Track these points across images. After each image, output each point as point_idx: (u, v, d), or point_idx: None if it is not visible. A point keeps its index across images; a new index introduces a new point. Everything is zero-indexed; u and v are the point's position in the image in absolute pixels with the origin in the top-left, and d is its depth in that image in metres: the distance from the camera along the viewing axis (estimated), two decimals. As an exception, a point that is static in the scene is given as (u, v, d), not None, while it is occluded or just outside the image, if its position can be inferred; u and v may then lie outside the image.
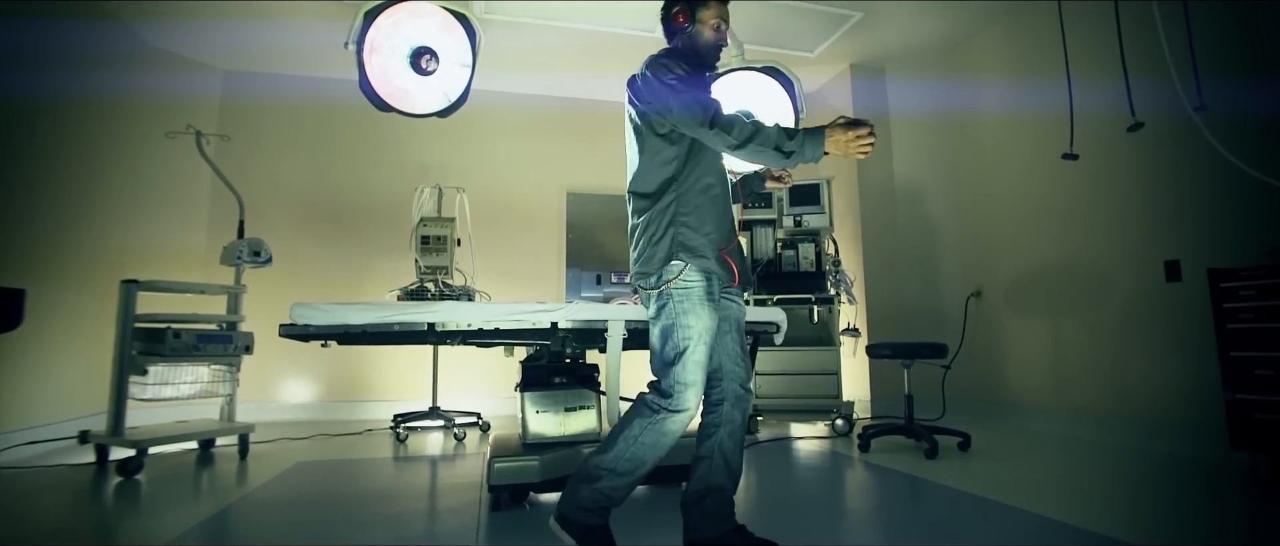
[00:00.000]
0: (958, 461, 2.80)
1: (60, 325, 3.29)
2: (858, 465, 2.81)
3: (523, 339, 2.33)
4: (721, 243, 1.61)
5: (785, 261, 3.92)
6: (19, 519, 2.09)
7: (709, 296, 1.57)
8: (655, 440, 1.54)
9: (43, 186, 3.22)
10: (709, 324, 1.56)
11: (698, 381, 1.54)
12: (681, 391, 1.53)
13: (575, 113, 5.08)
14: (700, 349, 1.54)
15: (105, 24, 3.69)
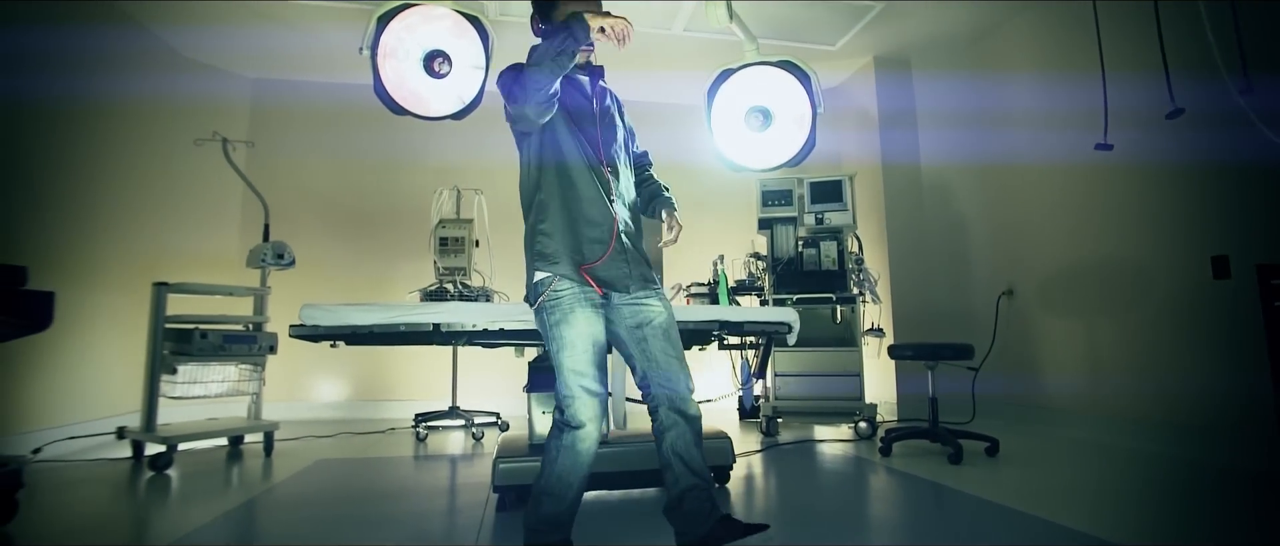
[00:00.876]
0: (983, 467, 2.69)
1: (102, 325, 3.44)
2: (876, 470, 2.72)
3: (529, 340, 2.33)
4: (580, 253, 1.55)
5: (806, 260, 3.83)
6: (59, 510, 2.20)
7: (583, 302, 1.51)
8: (570, 460, 1.49)
9: (81, 192, 3.37)
10: (585, 330, 1.50)
11: (580, 392, 1.47)
12: (569, 404, 1.48)
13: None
14: (577, 357, 1.48)
15: (137, 33, 3.85)
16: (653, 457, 2.25)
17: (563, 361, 1.49)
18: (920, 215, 4.33)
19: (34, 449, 2.88)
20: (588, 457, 1.50)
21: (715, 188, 4.91)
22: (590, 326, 1.51)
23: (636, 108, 5.26)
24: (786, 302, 3.62)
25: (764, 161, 3.28)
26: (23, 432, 2.91)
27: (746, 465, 2.82)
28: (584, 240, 1.56)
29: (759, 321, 2.38)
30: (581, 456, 1.49)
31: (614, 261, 1.57)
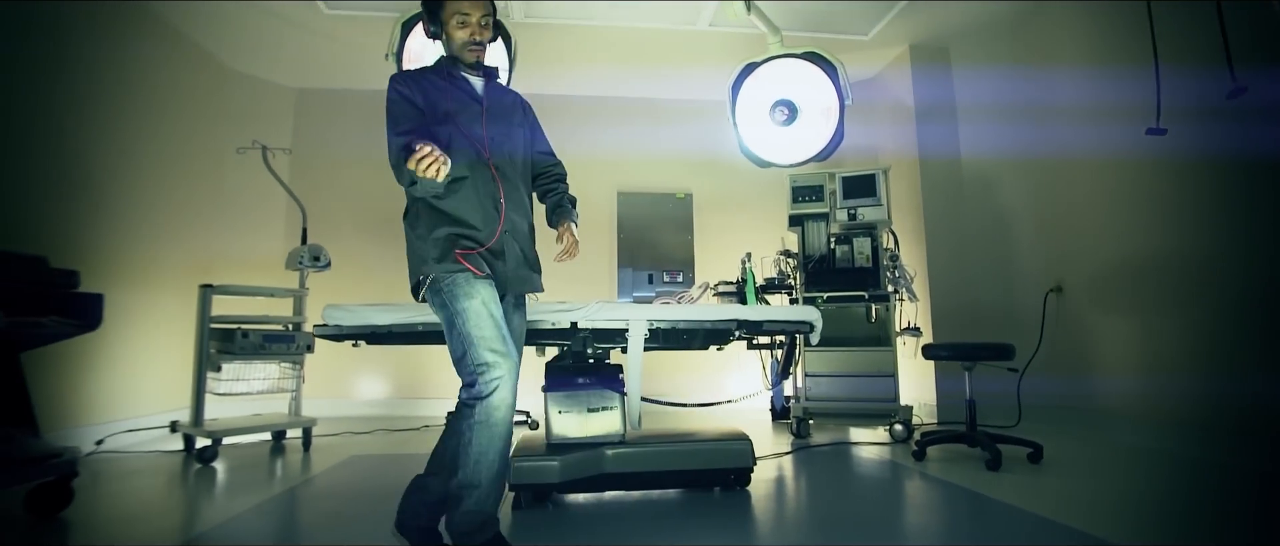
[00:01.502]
0: (1024, 474, 2.54)
1: (156, 325, 3.64)
2: (908, 474, 2.61)
3: (544, 339, 2.33)
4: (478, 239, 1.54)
5: (838, 257, 3.72)
6: (113, 498, 2.35)
7: (476, 279, 1.49)
8: (487, 436, 1.41)
9: (133, 196, 3.58)
10: (485, 295, 1.48)
11: (490, 354, 1.41)
12: (484, 372, 1.41)
13: (624, 111, 5.08)
14: (481, 323, 1.44)
15: (189, 46, 4.07)
16: (671, 458, 2.25)
17: (467, 330, 1.44)
18: (960, 209, 4.15)
19: (97, 440, 3.08)
20: (505, 429, 1.43)
21: (745, 184, 4.83)
22: (487, 292, 1.49)
23: (664, 106, 5.26)
24: (816, 301, 3.52)
25: (791, 156, 3.20)
26: (87, 425, 3.11)
27: (775, 466, 2.76)
28: (476, 232, 1.55)
29: (779, 321, 2.32)
30: (497, 428, 1.41)
31: (499, 255, 1.57)
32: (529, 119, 1.84)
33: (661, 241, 4.97)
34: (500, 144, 1.65)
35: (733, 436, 2.36)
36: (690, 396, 4.61)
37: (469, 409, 1.44)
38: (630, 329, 2.22)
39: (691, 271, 4.91)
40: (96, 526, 2.02)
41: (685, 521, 1.99)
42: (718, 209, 5.04)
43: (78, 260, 2.62)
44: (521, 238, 1.66)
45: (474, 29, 1.62)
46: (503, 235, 1.58)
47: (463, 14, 1.60)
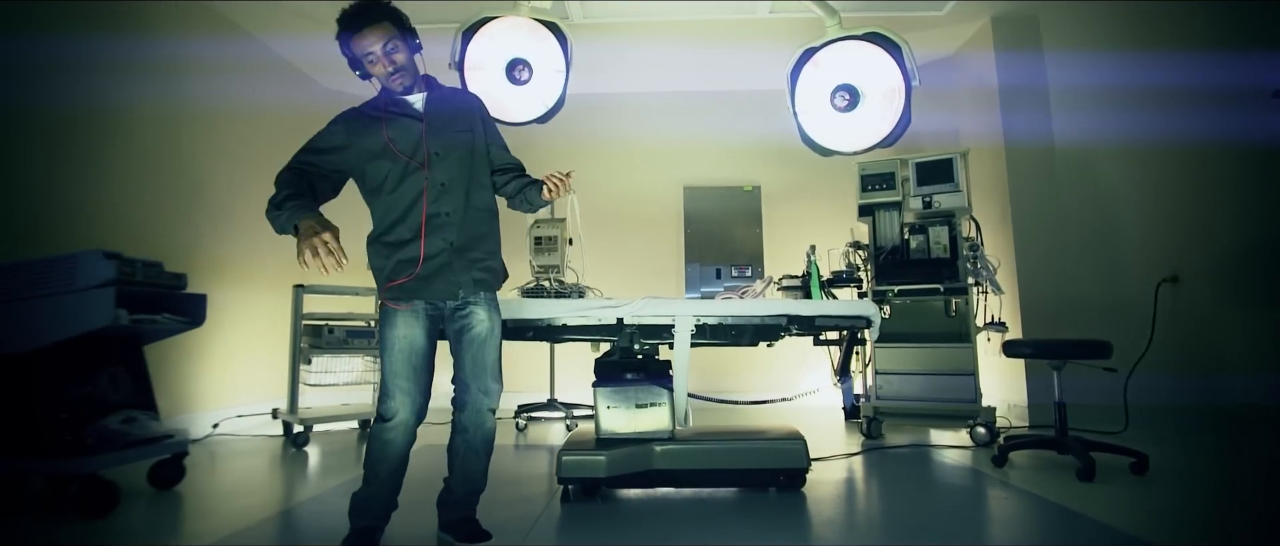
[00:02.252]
0: (1124, 487, 2.29)
1: (260, 321, 4.03)
2: (984, 482, 2.42)
3: (591, 335, 2.37)
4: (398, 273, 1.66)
5: (913, 248, 3.50)
6: (219, 475, 2.65)
7: (407, 313, 1.66)
8: (378, 449, 1.65)
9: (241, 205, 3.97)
10: (403, 334, 1.65)
11: (394, 390, 1.63)
12: (384, 400, 1.65)
13: (687, 104, 5.04)
14: (393, 359, 1.64)
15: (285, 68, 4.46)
16: (719, 457, 2.22)
17: (384, 360, 1.66)
18: (1053, 195, 3.77)
19: (213, 424, 3.47)
20: (396, 449, 1.66)
21: (815, 174, 4.65)
22: (408, 331, 1.66)
23: (728, 97, 5.15)
24: (887, 295, 3.34)
25: (855, 143, 3.05)
26: (204, 411, 3.51)
27: (838, 468, 2.65)
28: (395, 261, 1.67)
29: (834, 316, 2.22)
30: (389, 446, 1.65)
31: (427, 279, 1.66)
32: (483, 120, 1.86)
33: (729, 235, 4.89)
34: (443, 159, 1.70)
35: (786, 436, 2.29)
36: (760, 393, 4.52)
37: (377, 422, 1.67)
38: (677, 325, 2.21)
39: (760, 265, 4.80)
40: (205, 499, 2.28)
41: (734, 522, 1.95)
42: (787, 200, 4.89)
43: (188, 262, 2.95)
44: (462, 244, 1.71)
45: (381, 61, 1.66)
46: (430, 257, 1.67)
47: (367, 52, 1.65)
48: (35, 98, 2.78)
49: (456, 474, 1.74)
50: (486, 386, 1.72)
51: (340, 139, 1.71)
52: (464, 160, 1.74)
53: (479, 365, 1.71)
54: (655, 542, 1.78)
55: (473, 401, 1.71)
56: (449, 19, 3.96)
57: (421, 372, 1.68)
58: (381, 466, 1.66)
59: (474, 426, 1.72)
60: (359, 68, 1.69)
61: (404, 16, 1.71)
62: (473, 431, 1.73)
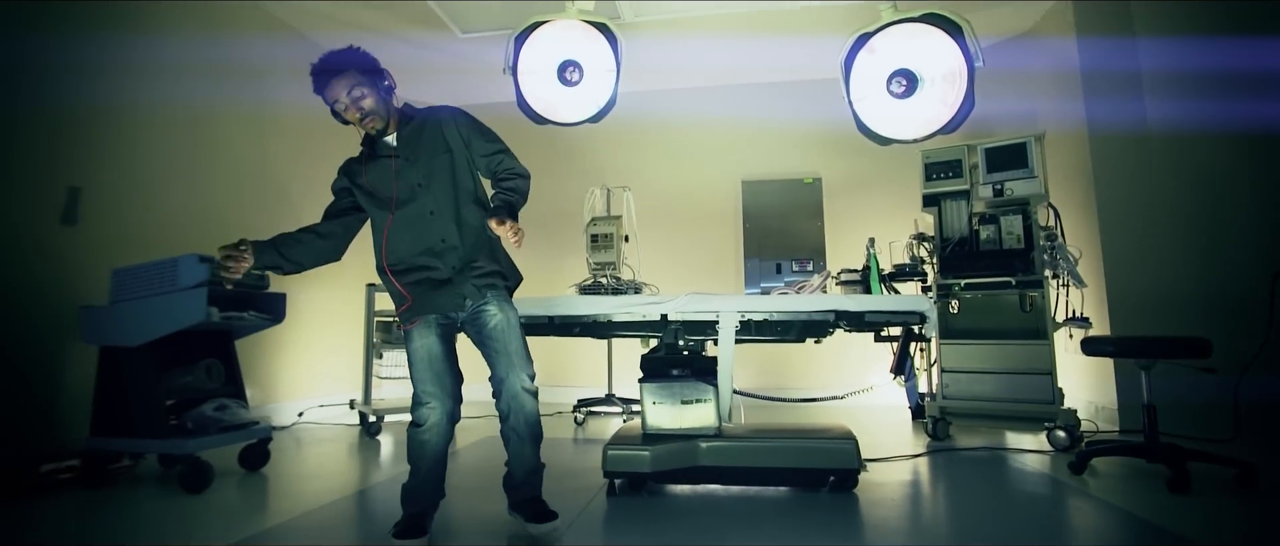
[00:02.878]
0: (1222, 501, 2.07)
1: (338, 318, 4.33)
2: (1057, 490, 2.26)
3: (636, 331, 2.39)
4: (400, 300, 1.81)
5: (982, 238, 3.30)
6: (300, 460, 2.87)
7: (420, 326, 1.77)
8: (416, 449, 1.77)
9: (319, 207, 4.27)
10: (420, 346, 1.77)
11: (422, 397, 1.76)
12: (416, 408, 1.78)
13: (746, 97, 4.96)
14: (416, 370, 1.77)
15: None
16: (766, 455, 2.19)
17: (411, 371, 1.79)
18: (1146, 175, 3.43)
19: (298, 413, 3.76)
20: (432, 449, 1.78)
21: (878, 165, 4.47)
22: (424, 340, 1.77)
23: (785, 88, 5.01)
24: (953, 289, 3.17)
25: (914, 130, 2.90)
26: (290, 401, 3.82)
27: (896, 470, 2.55)
28: (401, 287, 1.79)
29: (884, 311, 2.14)
30: (425, 446, 1.77)
31: (429, 295, 1.77)
32: (461, 134, 1.88)
33: (789, 229, 4.79)
34: (424, 188, 1.80)
35: (837, 435, 2.23)
36: (826, 391, 4.41)
37: (411, 428, 1.79)
38: (720, 320, 2.20)
39: (822, 259, 4.67)
40: (286, 481, 2.49)
41: (780, 521, 1.91)
42: (849, 192, 4.73)
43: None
44: (458, 257, 1.79)
45: (350, 108, 1.76)
46: (422, 280, 1.77)
47: (335, 102, 1.76)
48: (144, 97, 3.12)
49: (512, 459, 1.83)
50: (515, 371, 1.78)
51: (344, 182, 1.90)
52: (447, 184, 1.82)
53: (504, 354, 1.77)
54: (691, 539, 1.78)
55: (506, 388, 1.78)
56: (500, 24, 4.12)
57: (444, 376, 1.79)
58: (422, 463, 1.79)
59: (513, 411, 1.79)
60: (336, 116, 1.81)
61: (369, 60, 1.79)
62: (514, 416, 1.80)
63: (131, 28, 3.09)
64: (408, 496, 1.80)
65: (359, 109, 1.76)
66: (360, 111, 1.76)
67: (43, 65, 2.68)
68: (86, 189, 2.82)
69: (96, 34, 2.91)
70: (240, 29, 3.73)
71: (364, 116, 1.77)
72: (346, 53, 1.77)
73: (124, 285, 2.49)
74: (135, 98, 3.09)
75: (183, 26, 3.37)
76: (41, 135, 2.68)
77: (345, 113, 1.77)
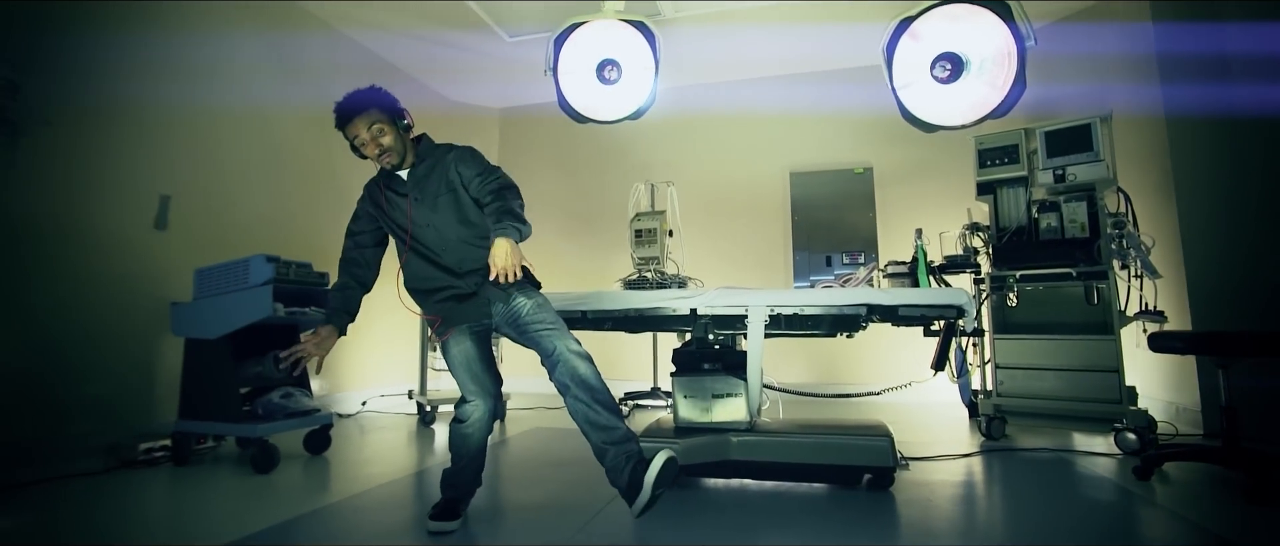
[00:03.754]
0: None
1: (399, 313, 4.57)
2: (1117, 496, 2.13)
3: (667, 326, 2.41)
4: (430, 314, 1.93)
5: (1042, 228, 3.12)
6: (359, 446, 3.06)
7: (455, 333, 1.88)
8: (459, 442, 1.90)
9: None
10: (458, 351, 1.88)
11: (465, 396, 1.90)
12: (459, 405, 1.91)
13: (792, 87, 4.87)
14: (456, 372, 1.90)
15: (418, 86, 4.99)
16: (797, 451, 2.18)
17: (453, 374, 1.91)
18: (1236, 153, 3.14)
19: (362, 401, 4.02)
20: (474, 442, 1.90)
21: (932, 152, 4.29)
22: (460, 346, 1.88)
23: (832, 77, 4.88)
24: (1007, 281, 3.01)
25: (962, 115, 2.78)
26: (354, 390, 4.08)
27: (947, 469, 2.45)
28: (431, 303, 1.92)
29: (919, 305, 2.07)
30: (468, 440, 1.90)
31: (456, 308, 1.86)
32: (460, 172, 1.91)
33: (840, 221, 4.67)
34: (431, 219, 1.89)
35: (871, 432, 2.19)
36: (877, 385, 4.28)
37: (454, 423, 1.92)
38: (750, 315, 2.19)
39: (874, 251, 4.53)
40: (344, 464, 2.67)
41: (805, 519, 1.89)
42: (902, 181, 4.56)
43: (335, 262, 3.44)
44: (468, 278, 1.87)
45: (369, 145, 1.83)
46: (445, 299, 1.88)
47: (355, 137, 1.84)
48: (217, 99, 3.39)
49: (589, 431, 1.80)
50: (561, 338, 1.80)
51: (368, 206, 1.99)
52: (454, 215, 1.88)
53: (543, 327, 1.82)
54: (714, 534, 1.80)
55: (559, 360, 1.77)
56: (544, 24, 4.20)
57: (483, 376, 1.90)
58: (462, 454, 1.91)
59: (570, 378, 1.76)
60: (355, 151, 1.90)
61: (390, 100, 1.88)
62: (573, 383, 1.77)
63: (195, 27, 3.31)
64: (447, 482, 1.91)
65: (378, 145, 1.84)
66: (379, 148, 1.84)
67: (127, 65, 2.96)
68: (174, 196, 3.12)
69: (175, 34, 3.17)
70: (294, 28, 3.96)
71: (382, 152, 1.85)
72: (370, 92, 1.87)
73: (204, 283, 2.75)
74: (210, 100, 3.35)
75: (242, 26, 3.60)
76: (135, 143, 2.98)
77: (364, 147, 1.85)
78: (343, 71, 4.22)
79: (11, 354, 2.49)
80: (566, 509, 2.02)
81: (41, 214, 2.63)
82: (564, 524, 1.87)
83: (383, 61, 4.64)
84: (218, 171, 3.38)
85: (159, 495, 2.26)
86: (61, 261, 2.68)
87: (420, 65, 4.79)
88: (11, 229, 2.52)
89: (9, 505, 2.04)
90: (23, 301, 2.54)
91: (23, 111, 2.55)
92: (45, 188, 2.64)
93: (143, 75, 3.05)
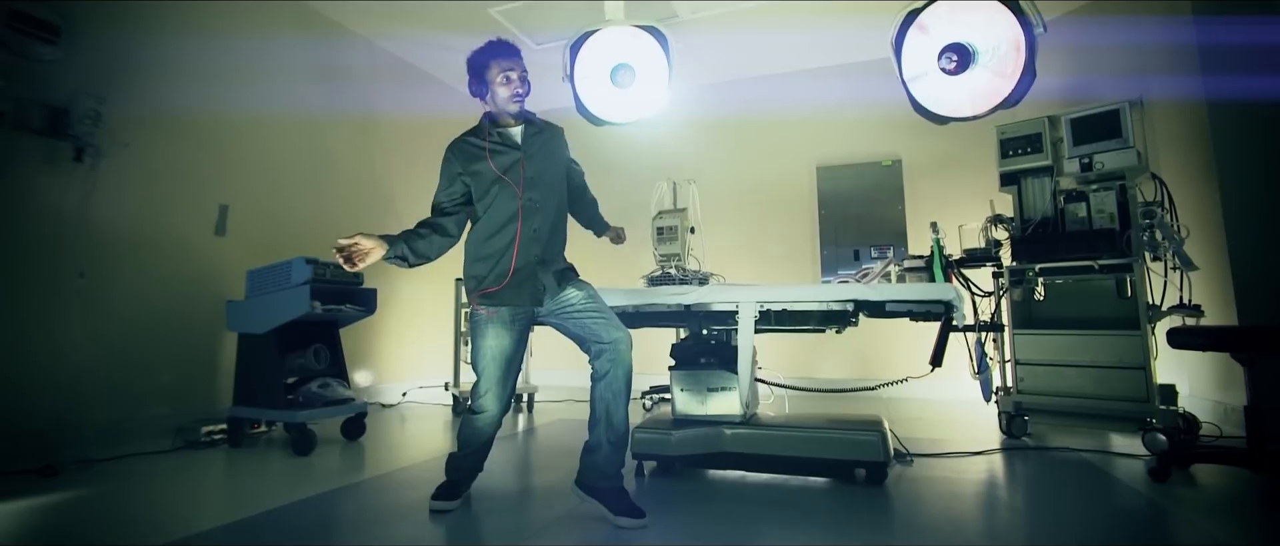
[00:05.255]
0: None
1: (437, 310, 4.84)
2: (1123, 498, 2.06)
3: (662, 322, 2.50)
4: (491, 283, 1.91)
5: (1069, 218, 3.01)
6: (392, 433, 3.29)
7: (496, 322, 1.90)
8: (470, 433, 1.98)
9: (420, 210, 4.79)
10: (494, 344, 1.91)
11: (489, 390, 1.92)
12: (478, 398, 1.93)
13: (815, 81, 4.82)
14: (490, 368, 1.91)
15: (451, 94, 5.23)
16: (788, 444, 2.23)
17: (478, 363, 1.94)
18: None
19: (403, 393, 4.30)
20: (485, 435, 1.99)
21: (961, 143, 4.17)
22: (498, 340, 1.91)
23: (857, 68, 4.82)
24: (1026, 274, 2.92)
25: (972, 107, 2.72)
26: (397, 382, 4.37)
27: (954, 467, 2.43)
28: (490, 273, 1.92)
29: (906, 301, 2.07)
30: (480, 433, 1.98)
31: (518, 287, 1.90)
32: (566, 151, 2.12)
33: (868, 214, 4.60)
34: (534, 184, 1.94)
35: (863, 426, 2.20)
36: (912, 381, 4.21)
37: (468, 410, 1.99)
38: (740, 310, 2.25)
39: (904, 244, 4.44)
40: (378, 448, 2.90)
41: (787, 511, 1.93)
42: (930, 173, 4.44)
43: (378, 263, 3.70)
44: (546, 257, 1.95)
45: (516, 83, 1.91)
46: (520, 268, 1.91)
47: (507, 71, 1.91)
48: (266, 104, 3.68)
49: (602, 422, 1.84)
50: (620, 329, 1.86)
51: (458, 166, 1.96)
52: (553, 185, 2.00)
53: (596, 321, 1.87)
54: (689, 522, 1.88)
55: (608, 346, 1.83)
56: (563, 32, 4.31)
57: (509, 375, 1.95)
58: (472, 443, 2.00)
59: (615, 363, 1.82)
60: (482, 84, 1.95)
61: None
62: (614, 369, 1.82)
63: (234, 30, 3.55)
64: (452, 465, 2.04)
65: (525, 84, 1.95)
66: (525, 87, 1.95)
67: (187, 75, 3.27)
68: (231, 204, 3.45)
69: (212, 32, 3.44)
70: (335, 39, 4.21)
71: (515, 94, 1.93)
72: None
73: (254, 283, 3.04)
74: (262, 108, 3.65)
75: (282, 30, 3.85)
76: (197, 155, 3.31)
77: (506, 85, 1.91)
78: (381, 77, 4.50)
79: (97, 346, 2.84)
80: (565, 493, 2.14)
81: (121, 225, 2.98)
82: (562, 504, 1.99)
83: (418, 69, 4.91)
84: (271, 179, 3.71)
85: (203, 473, 2.52)
86: (136, 266, 3.03)
87: (454, 73, 5.03)
88: (96, 239, 2.88)
89: (85, 478, 2.35)
90: (105, 301, 2.90)
91: (105, 137, 2.89)
92: (123, 201, 2.99)
93: (204, 82, 3.35)
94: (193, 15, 3.35)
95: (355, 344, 4.06)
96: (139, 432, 2.91)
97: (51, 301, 2.71)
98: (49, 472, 2.33)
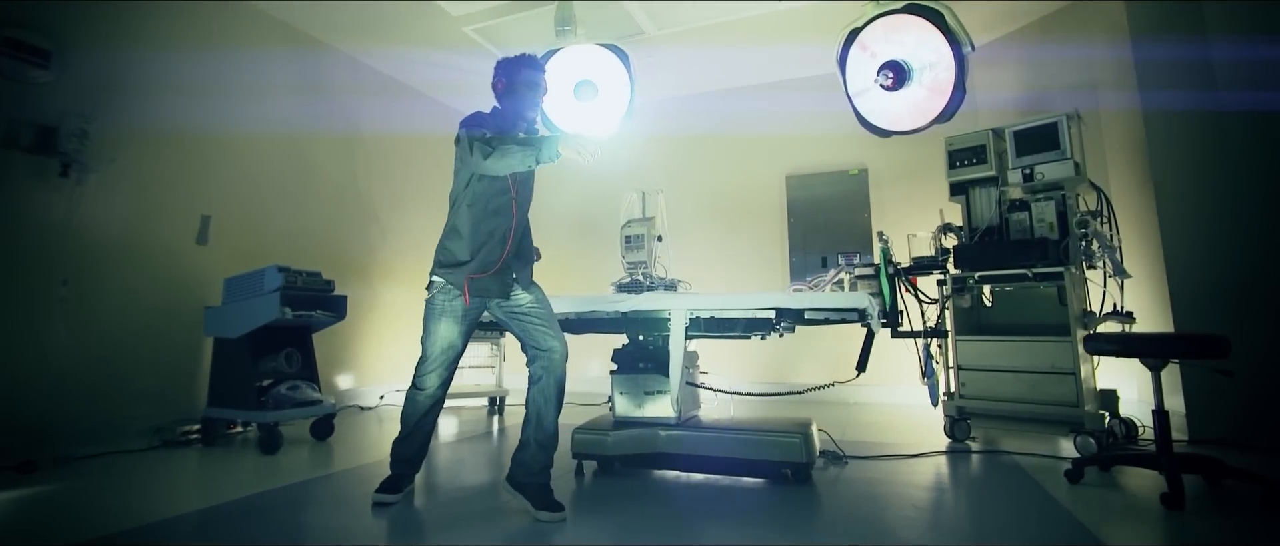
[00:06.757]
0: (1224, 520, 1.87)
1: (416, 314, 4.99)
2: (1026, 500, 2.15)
3: (603, 329, 2.62)
4: (475, 269, 2.02)
5: (1013, 226, 3.10)
6: (363, 434, 3.43)
7: (449, 311, 2.06)
8: (410, 409, 2.15)
9: (407, 222, 4.95)
10: (446, 334, 2.07)
11: (433, 371, 2.10)
12: (422, 376, 2.12)
13: (783, 92, 4.92)
14: (436, 353, 2.08)
15: (439, 108, 5.39)
16: (716, 445, 2.33)
17: (425, 345, 2.10)
18: (1218, 146, 2.98)
19: (380, 395, 4.45)
20: (420, 409, 2.13)
21: (926, 153, 4.24)
22: (449, 334, 2.08)
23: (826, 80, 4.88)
24: (967, 282, 3.01)
25: (911, 121, 2.84)
26: (376, 385, 4.52)
27: (885, 469, 2.52)
28: (478, 260, 2.03)
29: (823, 309, 2.17)
30: (417, 406, 2.13)
31: (498, 276, 2.03)
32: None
33: (836, 222, 4.69)
34: (525, 183, 2.14)
35: (787, 430, 2.30)
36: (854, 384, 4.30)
37: (411, 389, 2.15)
38: (671, 317, 2.36)
39: (869, 251, 4.52)
40: (344, 448, 3.04)
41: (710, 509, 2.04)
42: (896, 182, 4.53)
43: (364, 271, 3.84)
44: (522, 256, 2.12)
45: (545, 94, 2.15)
46: (506, 260, 2.06)
47: (545, 86, 2.13)
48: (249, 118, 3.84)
49: (532, 423, 2.00)
50: (560, 338, 2.05)
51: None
52: (531, 190, 2.20)
53: (537, 327, 2.04)
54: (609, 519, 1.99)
55: (544, 353, 2.01)
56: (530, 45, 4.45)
57: (451, 365, 2.15)
58: (412, 419, 2.15)
59: (547, 372, 2.00)
60: (513, 92, 2.09)
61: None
62: (546, 378, 2.00)
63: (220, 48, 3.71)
64: (395, 454, 2.16)
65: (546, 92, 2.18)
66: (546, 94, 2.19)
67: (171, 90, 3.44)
68: (213, 214, 3.62)
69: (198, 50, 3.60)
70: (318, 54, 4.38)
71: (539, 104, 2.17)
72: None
73: (231, 290, 3.20)
74: (245, 121, 3.80)
75: (267, 47, 4.01)
76: (180, 169, 3.48)
77: (543, 95, 2.14)
78: (363, 91, 4.67)
79: (83, 350, 3.01)
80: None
81: (106, 235, 3.15)
82: (491, 499, 2.11)
83: (399, 83, 5.07)
84: (253, 190, 3.87)
85: (171, 469, 2.64)
86: (121, 273, 3.19)
87: (434, 86, 5.19)
88: (82, 248, 3.05)
89: (59, 473, 2.50)
90: (92, 307, 3.07)
91: (92, 153, 3.07)
92: (108, 213, 3.16)
93: (189, 99, 3.52)
94: (180, 34, 3.53)
95: (335, 348, 4.22)
96: (120, 432, 3.07)
97: (38, 309, 2.88)
98: (27, 468, 2.48)
